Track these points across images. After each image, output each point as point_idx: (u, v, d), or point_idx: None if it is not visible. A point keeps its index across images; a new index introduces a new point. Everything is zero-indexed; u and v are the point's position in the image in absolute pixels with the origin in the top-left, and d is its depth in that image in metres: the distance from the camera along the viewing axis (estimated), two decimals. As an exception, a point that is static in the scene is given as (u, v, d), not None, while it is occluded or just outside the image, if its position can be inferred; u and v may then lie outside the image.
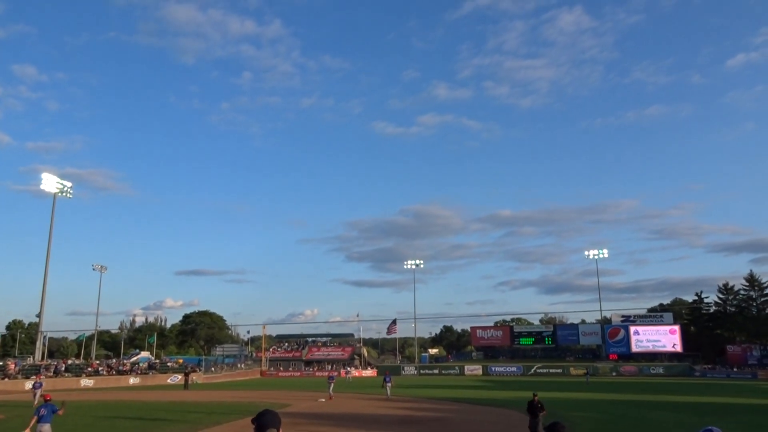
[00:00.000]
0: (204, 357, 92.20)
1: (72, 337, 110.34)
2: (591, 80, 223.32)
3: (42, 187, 68.71)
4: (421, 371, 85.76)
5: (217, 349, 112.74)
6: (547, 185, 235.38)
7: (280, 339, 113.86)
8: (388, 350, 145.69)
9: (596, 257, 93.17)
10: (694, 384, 57.13)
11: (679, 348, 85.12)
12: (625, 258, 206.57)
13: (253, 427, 3.75)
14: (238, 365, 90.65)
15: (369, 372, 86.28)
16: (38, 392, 31.77)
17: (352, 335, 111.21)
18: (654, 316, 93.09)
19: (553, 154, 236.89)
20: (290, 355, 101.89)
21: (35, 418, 14.81)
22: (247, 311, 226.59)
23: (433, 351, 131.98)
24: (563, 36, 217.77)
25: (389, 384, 39.97)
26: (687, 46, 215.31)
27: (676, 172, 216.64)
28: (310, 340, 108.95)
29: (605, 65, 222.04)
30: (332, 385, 39.63)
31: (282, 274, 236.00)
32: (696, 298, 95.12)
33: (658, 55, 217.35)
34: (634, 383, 58.65)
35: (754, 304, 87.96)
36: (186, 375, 55.05)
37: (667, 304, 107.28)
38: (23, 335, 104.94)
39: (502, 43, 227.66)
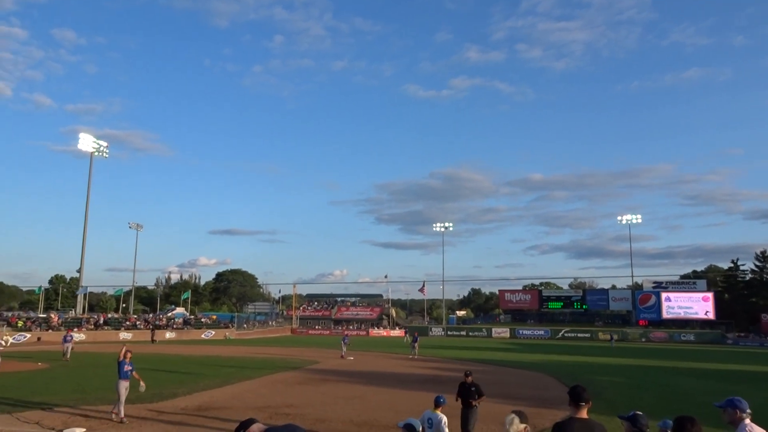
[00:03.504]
0: (236, 314, 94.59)
1: (111, 292, 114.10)
2: (627, 42, 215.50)
3: (79, 146, 70.25)
4: (449, 332, 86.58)
5: (249, 306, 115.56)
6: (580, 149, 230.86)
7: (310, 298, 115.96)
8: (416, 311, 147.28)
9: (629, 222, 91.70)
10: (725, 352, 56.44)
11: (711, 315, 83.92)
12: (658, 223, 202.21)
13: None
14: (269, 323, 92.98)
15: (397, 332, 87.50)
16: (68, 345, 32.80)
17: (380, 296, 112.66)
18: (687, 282, 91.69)
19: (586, 118, 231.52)
20: (320, 313, 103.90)
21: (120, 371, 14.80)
22: (278, 270, 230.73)
23: (461, 313, 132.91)
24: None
25: (416, 344, 40.54)
26: (729, 7, 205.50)
27: (714, 136, 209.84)
28: (339, 299, 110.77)
29: (643, 26, 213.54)
30: (345, 346, 40.21)
31: (313, 234, 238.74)
32: (732, 265, 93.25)
33: (698, 15, 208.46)
34: (664, 349, 58.26)
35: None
36: (152, 330, 57.82)
37: (701, 271, 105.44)
38: (65, 289, 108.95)
39: (535, 5, 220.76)
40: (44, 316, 64.57)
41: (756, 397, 18.46)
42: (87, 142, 70.50)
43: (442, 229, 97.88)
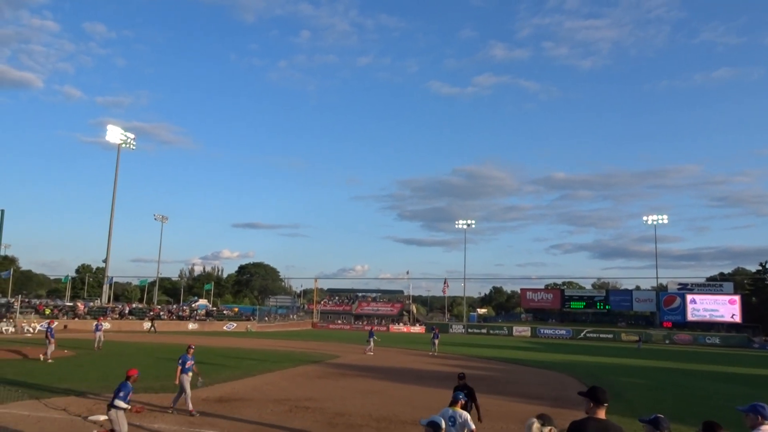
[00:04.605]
0: (258, 307, 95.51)
1: (135, 282, 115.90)
2: (656, 41, 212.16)
3: (107, 138, 71.49)
4: (469, 330, 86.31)
5: (271, 299, 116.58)
6: (606, 148, 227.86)
7: (331, 293, 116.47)
8: (437, 308, 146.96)
9: (655, 223, 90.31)
10: (751, 356, 55.34)
11: (738, 318, 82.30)
12: (685, 225, 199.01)
13: None
14: (291, 316, 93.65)
15: (417, 328, 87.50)
16: (99, 334, 33.34)
17: (401, 292, 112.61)
18: (713, 285, 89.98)
19: (612, 117, 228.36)
20: (340, 308, 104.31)
21: (179, 368, 14.58)
22: (300, 265, 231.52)
23: (482, 311, 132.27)
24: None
25: (436, 340, 40.42)
26: (760, 5, 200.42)
27: (744, 137, 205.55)
28: (360, 295, 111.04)
29: (672, 25, 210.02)
30: (372, 341, 38.76)
31: (334, 229, 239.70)
32: (760, 268, 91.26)
33: (729, 14, 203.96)
34: (688, 352, 57.35)
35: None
36: (152, 320, 58.33)
37: (728, 274, 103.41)
38: (91, 279, 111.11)
39: (563, 2, 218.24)
40: (71, 304, 65.95)
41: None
42: (115, 134, 71.69)
43: (465, 227, 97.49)
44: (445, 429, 8.08)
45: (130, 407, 10.60)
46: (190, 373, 14.76)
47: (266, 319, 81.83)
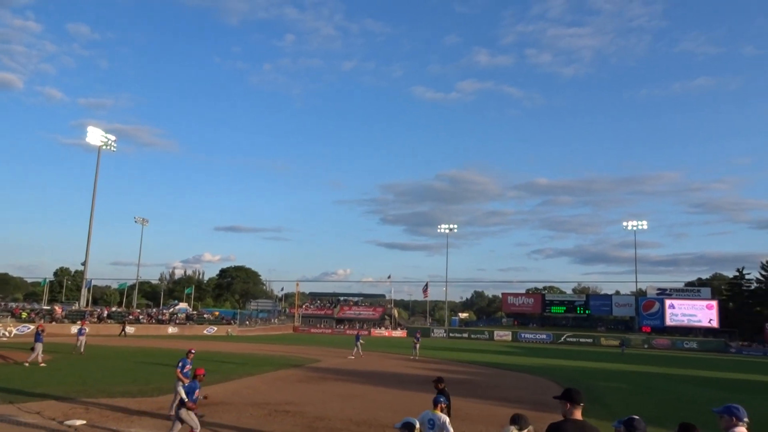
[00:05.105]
0: (239, 310, 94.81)
1: (115, 285, 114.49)
2: (637, 50, 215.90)
3: (88, 140, 70.49)
4: (451, 334, 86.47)
5: (252, 303, 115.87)
6: (587, 155, 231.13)
7: (313, 296, 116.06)
8: (419, 312, 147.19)
9: (635, 229, 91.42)
10: (728, 360, 56.18)
11: (715, 324, 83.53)
12: (664, 231, 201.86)
13: None
14: (272, 320, 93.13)
15: (399, 332, 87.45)
16: (82, 338, 32.75)
17: (383, 296, 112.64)
18: (691, 290, 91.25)
19: (593, 124, 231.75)
20: (322, 312, 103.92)
21: (178, 371, 14.24)
22: (282, 268, 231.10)
23: (464, 315, 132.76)
24: (610, 4, 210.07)
25: (417, 344, 40.45)
26: (740, 16, 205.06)
27: (722, 145, 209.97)
28: (342, 298, 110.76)
29: (653, 34, 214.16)
30: (359, 344, 38.93)
31: (317, 233, 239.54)
32: (737, 273, 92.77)
33: (709, 25, 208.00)
34: (667, 357, 58.02)
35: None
36: (123, 323, 57.15)
37: (706, 279, 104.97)
38: (70, 282, 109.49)
39: (546, 10, 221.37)
40: (48, 308, 64.87)
41: (757, 407, 18.39)
42: (95, 136, 70.76)
43: (447, 231, 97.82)
44: (421, 431, 8.08)
45: (194, 405, 11.30)
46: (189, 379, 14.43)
47: (247, 322, 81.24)
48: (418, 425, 5.62)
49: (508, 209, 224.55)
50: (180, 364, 14.70)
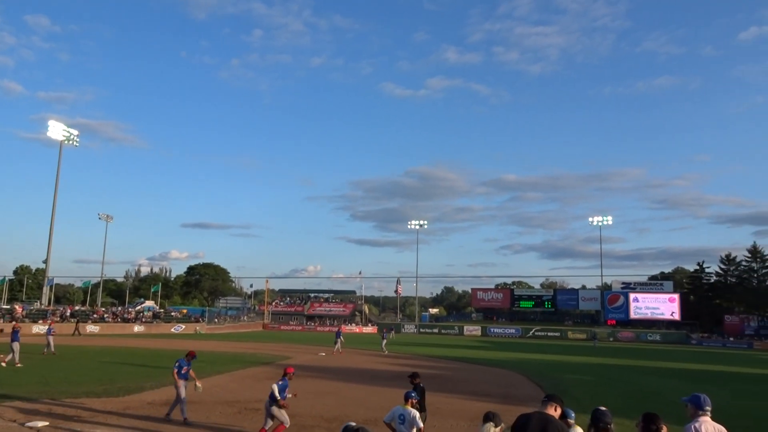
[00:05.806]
0: (207, 308, 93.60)
1: (78, 284, 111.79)
2: (601, 49, 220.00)
3: (49, 134, 68.65)
4: (421, 330, 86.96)
5: (221, 301, 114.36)
6: (554, 152, 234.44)
7: (283, 293, 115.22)
8: (390, 308, 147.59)
9: (600, 224, 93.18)
10: (689, 352, 57.78)
11: (677, 316, 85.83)
12: (628, 226, 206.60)
13: None
14: (241, 317, 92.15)
15: (369, 329, 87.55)
16: (51, 338, 31.92)
17: (353, 292, 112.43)
18: (654, 284, 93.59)
19: (560, 122, 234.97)
20: (292, 309, 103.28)
21: (175, 372, 13.92)
22: (251, 265, 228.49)
23: (434, 311, 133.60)
24: (575, 3, 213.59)
25: (385, 340, 40.57)
26: (700, 18, 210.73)
27: (683, 142, 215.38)
28: (312, 295, 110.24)
29: (617, 34, 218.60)
30: (339, 341, 38.11)
31: (287, 230, 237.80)
32: (697, 267, 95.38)
33: (670, 25, 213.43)
34: (631, 349, 59.38)
35: (755, 275, 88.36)
36: (77, 322, 54.83)
37: (668, 273, 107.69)
38: (30, 280, 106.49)
39: (513, 9, 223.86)
40: (8, 307, 63.04)
41: (716, 396, 18.95)
42: (57, 130, 68.93)
43: (417, 227, 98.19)
44: (394, 426, 8.13)
45: (286, 403, 11.87)
46: (187, 380, 14.07)
47: (216, 320, 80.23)
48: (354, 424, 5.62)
49: (476, 205, 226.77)
50: (177, 365, 14.24)
